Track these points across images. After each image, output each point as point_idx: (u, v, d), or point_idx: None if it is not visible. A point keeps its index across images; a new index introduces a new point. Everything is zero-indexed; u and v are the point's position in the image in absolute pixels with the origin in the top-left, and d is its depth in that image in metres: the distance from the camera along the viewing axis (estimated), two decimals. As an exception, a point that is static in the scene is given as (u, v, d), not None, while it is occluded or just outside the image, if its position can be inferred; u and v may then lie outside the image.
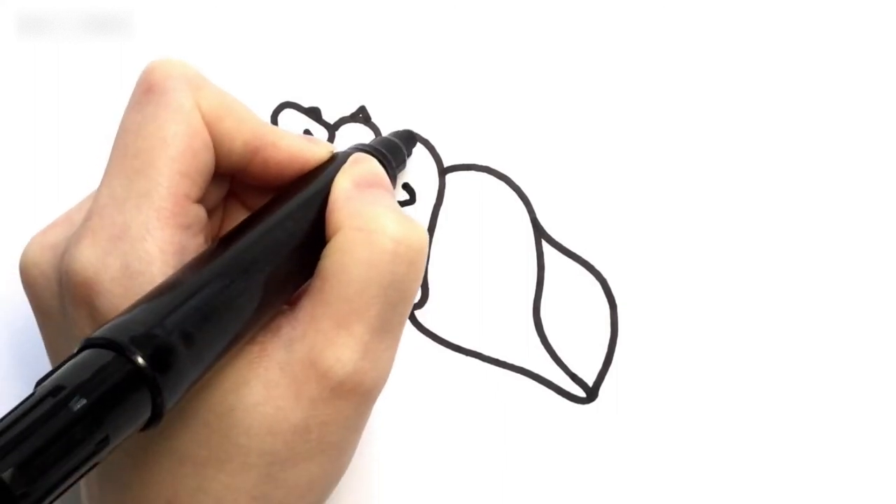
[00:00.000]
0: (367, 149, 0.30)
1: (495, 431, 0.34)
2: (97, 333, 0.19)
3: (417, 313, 0.35)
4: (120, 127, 0.26)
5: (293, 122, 0.37)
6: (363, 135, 0.37)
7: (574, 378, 0.34)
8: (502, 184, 0.36)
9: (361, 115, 0.37)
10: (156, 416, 0.19)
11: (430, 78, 0.37)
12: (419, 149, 0.36)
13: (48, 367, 0.31)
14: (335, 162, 0.28)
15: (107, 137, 0.36)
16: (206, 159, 0.25)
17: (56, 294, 0.25)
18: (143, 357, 0.19)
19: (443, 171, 0.36)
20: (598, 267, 0.35)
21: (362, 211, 0.25)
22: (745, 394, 0.34)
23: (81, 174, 0.36)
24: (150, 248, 0.23)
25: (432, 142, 0.37)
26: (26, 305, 0.27)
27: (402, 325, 0.26)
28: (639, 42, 0.38)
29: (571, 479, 0.33)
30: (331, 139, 0.37)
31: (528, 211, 0.36)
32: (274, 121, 0.37)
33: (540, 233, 0.36)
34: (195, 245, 0.25)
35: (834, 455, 0.34)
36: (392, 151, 0.32)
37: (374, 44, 0.38)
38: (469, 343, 0.35)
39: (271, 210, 0.26)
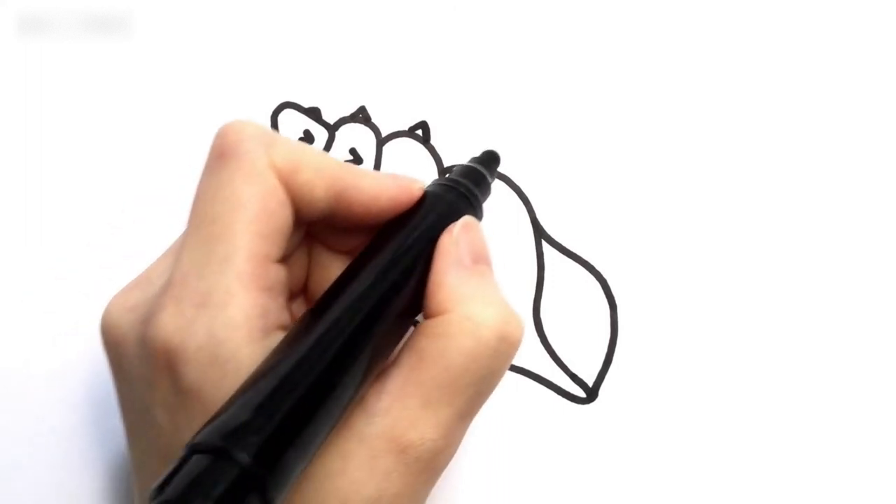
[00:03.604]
0: (453, 185, 0.28)
1: (495, 431, 0.34)
2: (200, 439, 0.19)
3: (417, 313, 0.35)
4: (196, 194, 0.26)
5: (293, 122, 0.37)
6: (363, 135, 0.37)
7: (574, 378, 0.34)
8: (502, 184, 0.36)
9: (361, 115, 0.37)
10: None
11: (430, 78, 0.37)
12: (419, 149, 0.36)
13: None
14: (431, 212, 0.27)
15: (107, 137, 0.36)
16: (283, 217, 0.25)
17: (136, 357, 0.25)
18: (249, 458, 0.19)
19: (443, 172, 0.36)
20: (598, 267, 0.35)
21: (472, 296, 0.25)
22: (745, 393, 0.34)
23: (82, 174, 0.36)
24: (234, 314, 0.23)
25: (432, 142, 0.37)
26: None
27: (481, 407, 0.26)
28: (638, 43, 0.38)
29: (571, 478, 0.33)
30: (331, 139, 0.37)
31: (528, 211, 0.36)
32: (274, 121, 0.37)
33: (540, 233, 0.36)
34: (277, 306, 0.25)
35: (834, 455, 0.34)
36: (479, 184, 0.29)
37: (374, 44, 0.38)
38: (469, 343, 0.35)
39: (365, 276, 0.25)
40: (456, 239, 0.27)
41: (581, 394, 0.34)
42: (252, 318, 0.23)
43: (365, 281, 0.24)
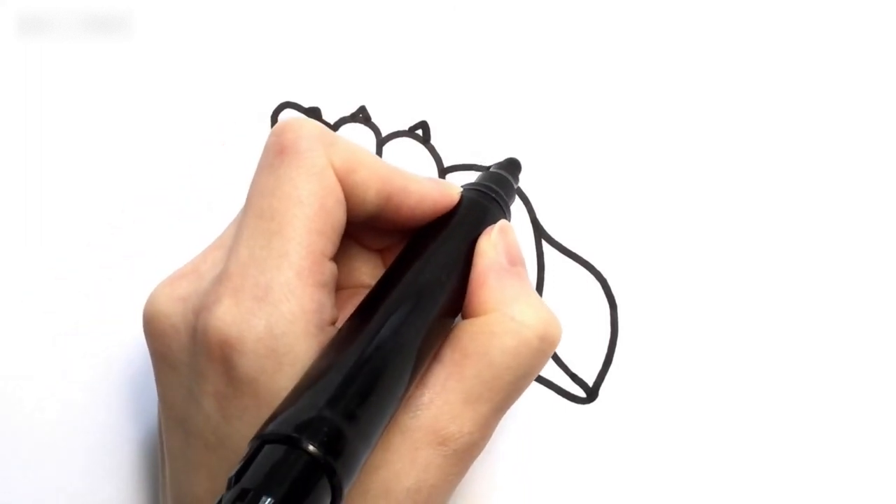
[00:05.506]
0: (486, 190, 0.30)
1: (495, 431, 0.34)
2: (272, 429, 0.20)
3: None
4: (253, 188, 0.26)
5: (293, 122, 0.37)
6: (363, 135, 0.37)
7: (574, 378, 0.34)
8: (502, 184, 0.36)
9: (361, 115, 0.37)
10: (336, 499, 0.20)
11: (430, 78, 0.37)
12: (419, 149, 0.36)
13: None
14: (467, 214, 0.28)
15: (107, 137, 0.36)
16: (339, 216, 0.26)
17: (185, 348, 0.25)
18: (317, 447, 0.20)
19: (443, 171, 0.36)
20: (598, 267, 0.35)
21: (514, 297, 0.26)
22: (745, 393, 0.34)
23: (82, 174, 0.36)
24: (292, 309, 0.24)
25: (432, 142, 0.37)
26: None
27: (514, 403, 0.27)
28: (638, 43, 0.38)
29: (571, 478, 0.33)
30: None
31: (528, 211, 0.36)
32: (274, 121, 0.37)
33: (540, 233, 0.36)
34: (330, 302, 0.25)
35: (833, 455, 0.34)
36: (507, 190, 0.31)
37: (374, 44, 0.38)
38: (469, 343, 0.35)
39: (415, 276, 0.26)
40: (494, 242, 0.28)
41: (581, 394, 0.34)
42: (309, 313, 0.24)
43: (416, 280, 0.26)
